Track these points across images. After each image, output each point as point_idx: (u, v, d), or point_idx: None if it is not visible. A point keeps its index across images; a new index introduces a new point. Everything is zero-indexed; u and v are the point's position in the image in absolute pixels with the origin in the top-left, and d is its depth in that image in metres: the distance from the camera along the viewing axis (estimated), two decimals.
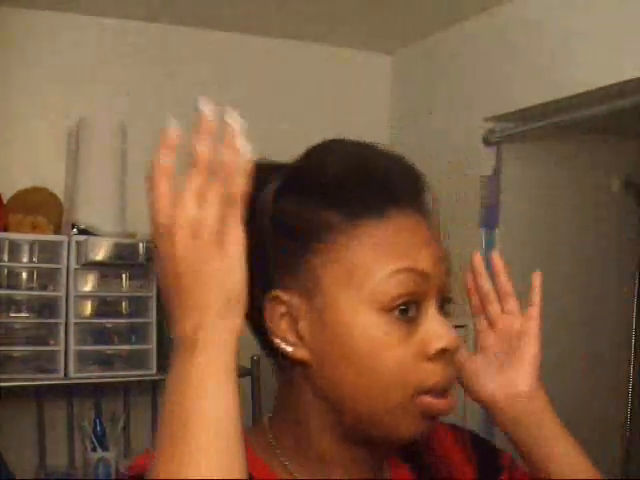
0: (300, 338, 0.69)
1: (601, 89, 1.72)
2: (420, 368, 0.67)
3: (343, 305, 0.68)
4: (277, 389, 0.75)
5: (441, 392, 0.68)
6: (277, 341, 0.70)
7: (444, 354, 0.68)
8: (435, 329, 0.68)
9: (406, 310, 0.67)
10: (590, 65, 1.75)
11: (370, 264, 0.68)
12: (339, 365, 0.68)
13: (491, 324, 0.89)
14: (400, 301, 0.67)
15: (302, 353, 0.69)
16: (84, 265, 1.83)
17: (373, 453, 0.73)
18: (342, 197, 0.69)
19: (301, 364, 0.70)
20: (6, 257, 1.80)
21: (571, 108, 1.82)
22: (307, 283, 0.69)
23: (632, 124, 1.98)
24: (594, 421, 2.29)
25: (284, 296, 0.69)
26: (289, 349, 0.69)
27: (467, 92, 2.15)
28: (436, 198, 0.82)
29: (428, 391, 0.68)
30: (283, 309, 0.70)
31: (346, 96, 2.44)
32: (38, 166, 2.04)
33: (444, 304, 0.71)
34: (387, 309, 0.67)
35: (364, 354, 0.67)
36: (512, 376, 0.84)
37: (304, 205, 0.70)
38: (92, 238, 1.82)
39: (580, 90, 1.77)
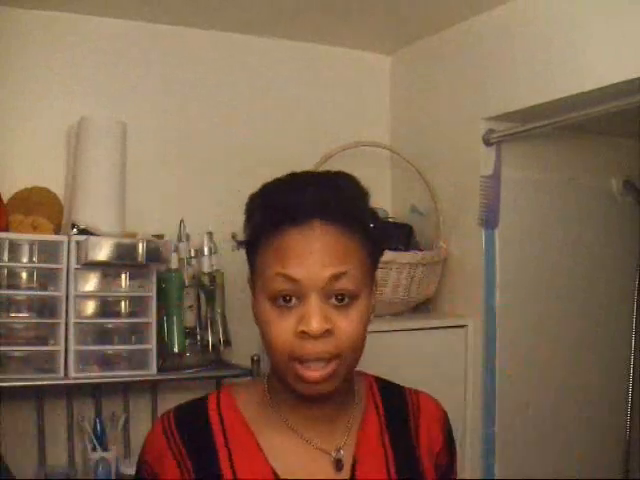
0: (254, 308, 1.02)
1: (601, 89, 1.72)
2: (293, 341, 0.94)
3: (256, 289, 1.00)
4: None
5: (308, 362, 0.94)
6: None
7: (306, 334, 0.93)
8: (304, 316, 0.94)
9: (287, 299, 0.95)
10: (590, 65, 1.75)
11: (267, 264, 0.97)
12: (260, 330, 0.99)
13: None
14: (278, 294, 0.95)
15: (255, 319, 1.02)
16: (84, 265, 1.83)
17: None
18: (268, 213, 0.98)
19: None
20: (6, 257, 1.80)
21: (571, 108, 1.82)
22: (254, 273, 1.02)
23: (632, 124, 1.98)
24: (594, 420, 2.29)
25: (249, 280, 1.04)
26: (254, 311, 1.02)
27: (467, 92, 2.15)
28: (436, 198, 1.01)
29: (298, 359, 0.94)
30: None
31: (346, 96, 2.44)
32: (38, 166, 2.04)
33: (339, 296, 0.95)
34: (272, 298, 0.96)
35: (261, 326, 0.98)
36: None
37: (257, 214, 1.01)
38: (92, 238, 1.81)
39: (580, 90, 1.77)
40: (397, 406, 1.11)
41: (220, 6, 2.08)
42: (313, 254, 0.94)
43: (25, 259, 1.82)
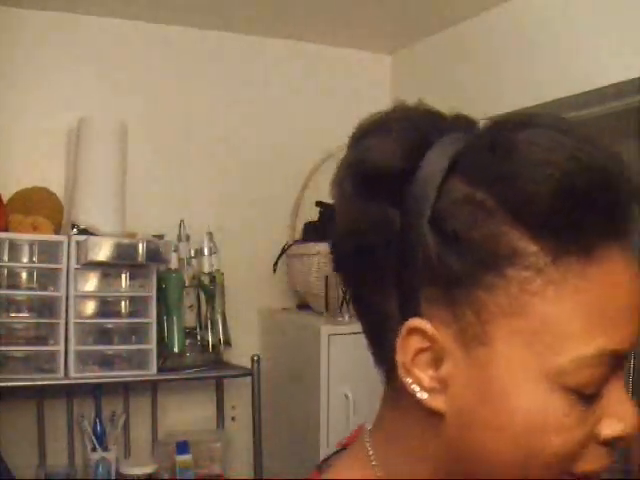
0: (440, 384, 0.52)
1: (601, 89, 1.72)
2: (583, 451, 0.51)
3: (516, 371, 0.50)
4: (385, 414, 0.59)
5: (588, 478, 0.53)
6: (409, 382, 0.52)
7: (614, 440, 0.52)
8: (616, 411, 0.51)
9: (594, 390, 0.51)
10: (590, 65, 1.75)
11: (567, 330, 0.48)
12: (488, 434, 0.51)
13: None
14: (591, 389, 0.50)
15: (438, 402, 0.52)
16: (84, 265, 1.83)
17: None
18: (555, 218, 0.47)
19: (432, 412, 0.53)
20: (6, 257, 1.80)
21: (571, 108, 1.82)
22: (469, 325, 0.50)
23: (631, 124, 1.98)
24: None
25: (430, 330, 0.51)
26: (423, 396, 0.52)
27: (467, 92, 2.15)
28: None
29: (577, 476, 0.52)
30: (424, 344, 0.52)
31: (346, 96, 2.44)
32: (38, 166, 2.04)
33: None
34: (570, 390, 0.49)
35: (531, 433, 0.50)
36: None
37: (489, 214, 0.49)
38: (92, 238, 1.82)
39: (580, 90, 1.77)
40: None
41: (220, 6, 2.08)
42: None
43: (25, 259, 1.82)
